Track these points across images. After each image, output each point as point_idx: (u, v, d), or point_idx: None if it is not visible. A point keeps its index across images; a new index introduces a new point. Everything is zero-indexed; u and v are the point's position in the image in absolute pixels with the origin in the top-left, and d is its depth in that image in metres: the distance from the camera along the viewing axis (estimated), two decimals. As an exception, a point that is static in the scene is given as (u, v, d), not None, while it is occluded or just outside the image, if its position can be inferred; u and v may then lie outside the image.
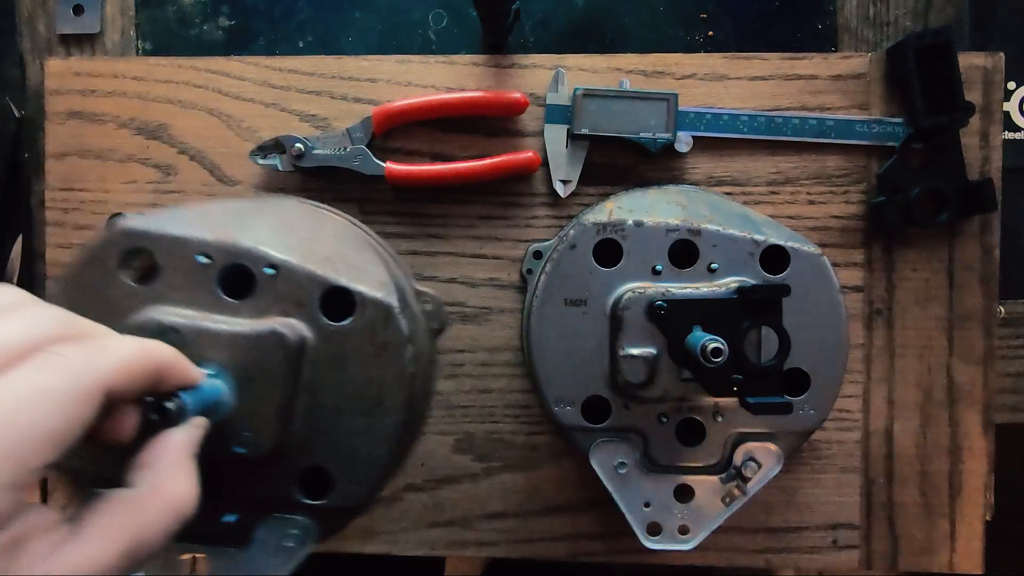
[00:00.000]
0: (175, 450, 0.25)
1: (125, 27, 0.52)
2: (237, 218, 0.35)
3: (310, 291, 0.32)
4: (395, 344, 0.33)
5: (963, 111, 0.46)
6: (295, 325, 0.31)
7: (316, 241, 0.36)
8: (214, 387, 0.29)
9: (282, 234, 0.34)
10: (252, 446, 0.30)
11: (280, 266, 0.32)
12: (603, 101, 0.47)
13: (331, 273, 0.32)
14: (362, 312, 0.32)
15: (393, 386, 0.33)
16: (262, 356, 0.31)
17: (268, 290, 0.32)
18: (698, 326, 0.38)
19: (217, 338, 0.30)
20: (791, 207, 0.49)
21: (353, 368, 0.32)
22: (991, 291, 0.48)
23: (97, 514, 0.22)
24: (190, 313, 0.31)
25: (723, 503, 0.41)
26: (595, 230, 0.41)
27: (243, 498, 0.33)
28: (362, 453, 0.33)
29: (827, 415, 0.41)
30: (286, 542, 0.33)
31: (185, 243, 0.32)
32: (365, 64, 0.50)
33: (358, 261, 0.36)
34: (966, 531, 0.49)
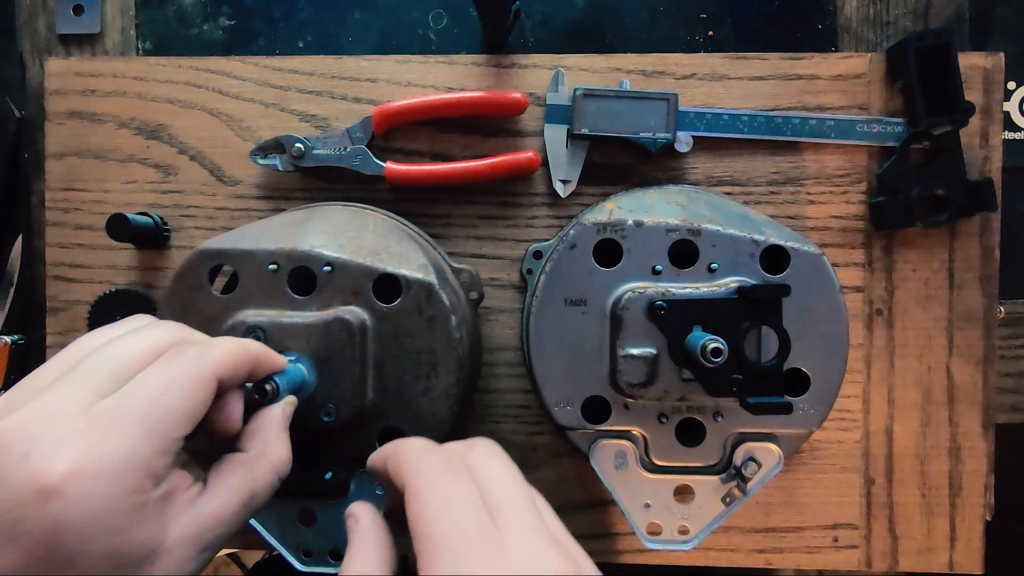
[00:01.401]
0: (274, 422, 0.31)
1: (125, 27, 0.52)
2: (294, 227, 0.41)
3: (363, 281, 0.38)
4: (440, 316, 0.39)
5: (963, 111, 0.46)
6: (355, 311, 0.38)
7: (362, 238, 0.41)
8: (297, 370, 0.35)
9: (333, 236, 0.40)
10: (335, 415, 0.37)
11: (335, 263, 0.38)
12: (603, 101, 0.47)
13: (378, 263, 0.39)
14: (408, 292, 0.39)
15: (444, 351, 0.39)
16: (333, 340, 0.37)
17: (328, 285, 0.39)
18: (698, 326, 0.38)
19: (293, 330, 0.37)
20: (791, 207, 0.49)
21: (408, 341, 0.39)
22: (991, 291, 0.48)
23: (220, 474, 0.28)
24: (269, 312, 0.38)
25: (723, 503, 0.41)
26: (595, 230, 0.41)
27: (337, 458, 0.39)
28: (426, 410, 0.39)
29: (827, 415, 0.41)
30: (376, 490, 0.39)
31: (256, 255, 0.39)
32: (365, 64, 0.50)
33: (399, 250, 0.41)
34: (966, 531, 0.49)
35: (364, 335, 0.38)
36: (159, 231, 0.49)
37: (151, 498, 0.25)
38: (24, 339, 0.52)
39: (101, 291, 0.49)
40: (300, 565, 0.40)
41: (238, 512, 0.28)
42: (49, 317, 0.50)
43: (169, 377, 0.26)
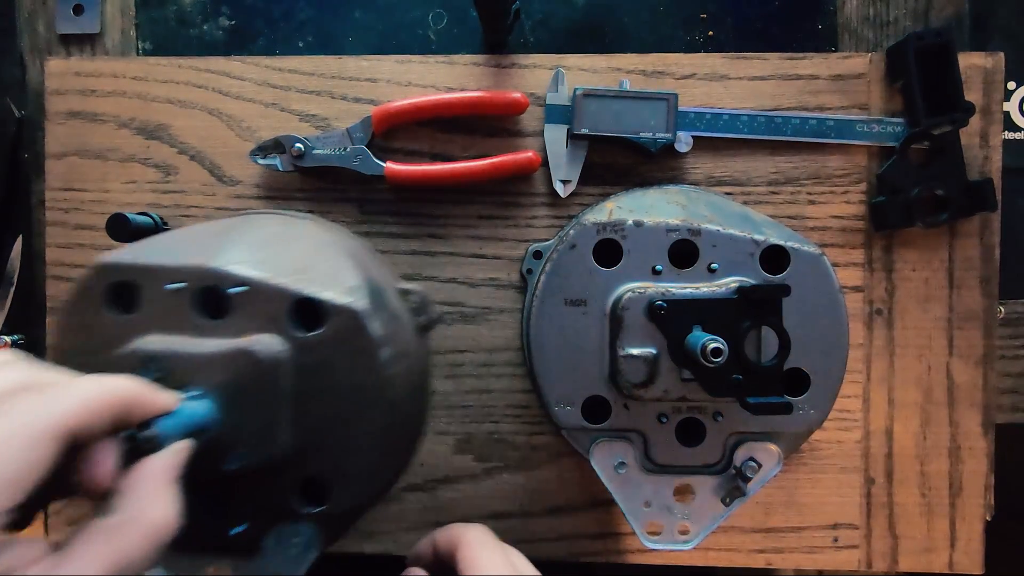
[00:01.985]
0: (152, 476, 0.26)
1: (125, 27, 0.52)
2: (212, 239, 0.36)
3: (280, 305, 0.33)
4: (368, 349, 0.33)
5: (963, 111, 0.46)
6: (268, 340, 0.32)
7: (288, 253, 0.36)
8: (195, 410, 0.30)
9: (255, 250, 0.35)
10: (243, 461, 0.31)
11: (250, 283, 0.33)
12: (603, 101, 0.47)
13: (299, 285, 0.33)
14: (332, 320, 0.33)
15: (373, 390, 0.33)
16: (239, 374, 0.31)
17: (242, 309, 0.33)
18: (698, 326, 0.38)
19: (195, 361, 0.31)
20: (791, 207, 0.49)
21: (333, 376, 0.33)
22: (991, 291, 0.48)
23: (80, 542, 0.23)
24: (169, 339, 0.32)
25: (723, 503, 0.41)
26: (595, 230, 0.41)
27: (250, 510, 0.34)
28: (353, 459, 0.34)
29: (827, 415, 0.41)
30: (293, 549, 0.34)
31: (158, 272, 0.33)
32: (365, 64, 0.50)
33: (330, 268, 0.36)
34: (966, 531, 0.49)
35: (278, 369, 0.32)
36: (159, 231, 0.49)
37: None
38: (24, 339, 0.52)
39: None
40: None
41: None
42: (49, 317, 0.50)
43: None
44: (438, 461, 0.50)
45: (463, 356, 0.49)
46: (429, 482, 0.50)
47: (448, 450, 0.50)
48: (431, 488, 0.50)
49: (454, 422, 0.49)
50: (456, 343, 0.49)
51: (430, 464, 0.50)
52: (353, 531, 0.49)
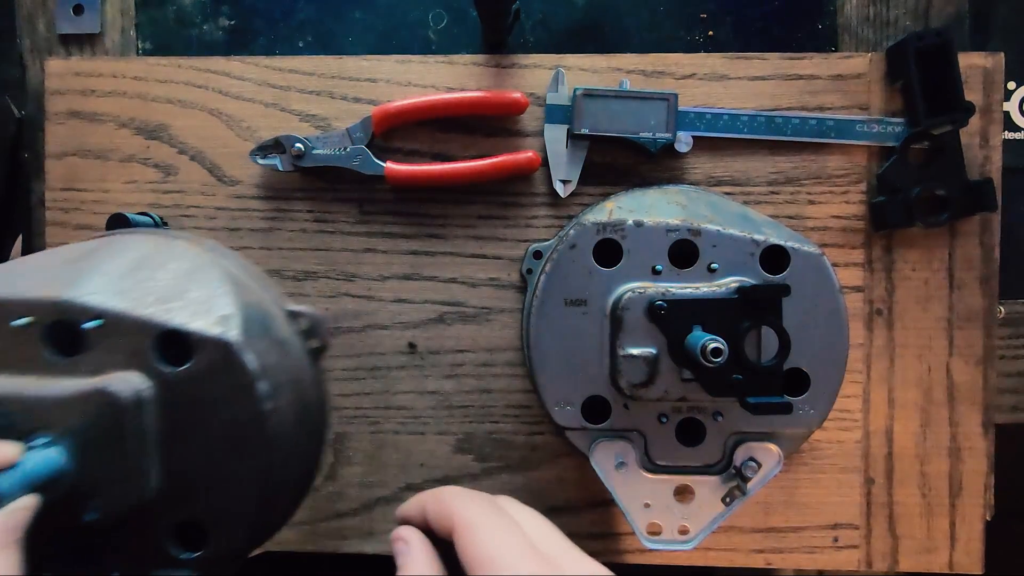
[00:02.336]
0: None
1: (125, 27, 0.52)
2: (68, 267, 0.33)
3: (143, 338, 0.30)
4: (244, 382, 0.30)
5: (963, 111, 0.46)
6: (128, 378, 0.29)
7: (155, 280, 0.33)
8: (43, 460, 0.27)
9: (116, 279, 0.32)
10: (105, 510, 0.29)
11: (107, 316, 0.30)
12: (603, 101, 0.47)
13: (165, 315, 0.30)
14: (201, 353, 0.30)
15: (251, 428, 0.31)
16: (95, 417, 0.29)
17: (101, 343, 0.30)
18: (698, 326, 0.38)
19: (42, 405, 0.29)
20: (791, 207, 0.49)
21: (205, 413, 0.31)
22: (991, 291, 0.48)
23: None
24: (13, 381, 0.29)
25: (723, 503, 0.41)
26: (595, 230, 0.41)
27: (123, 559, 0.31)
28: (231, 500, 0.31)
29: (827, 415, 0.41)
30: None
31: (6, 305, 0.30)
32: (365, 64, 0.50)
33: (204, 295, 0.33)
34: (966, 531, 0.49)
35: (140, 409, 0.29)
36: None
37: None
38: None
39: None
40: None
41: None
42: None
43: None
44: (438, 461, 0.50)
45: (463, 356, 0.49)
46: (429, 482, 0.50)
47: (448, 450, 0.50)
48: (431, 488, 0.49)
49: (454, 422, 0.49)
50: (456, 343, 0.49)
51: (430, 464, 0.50)
52: (352, 531, 0.49)
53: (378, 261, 0.49)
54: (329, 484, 0.50)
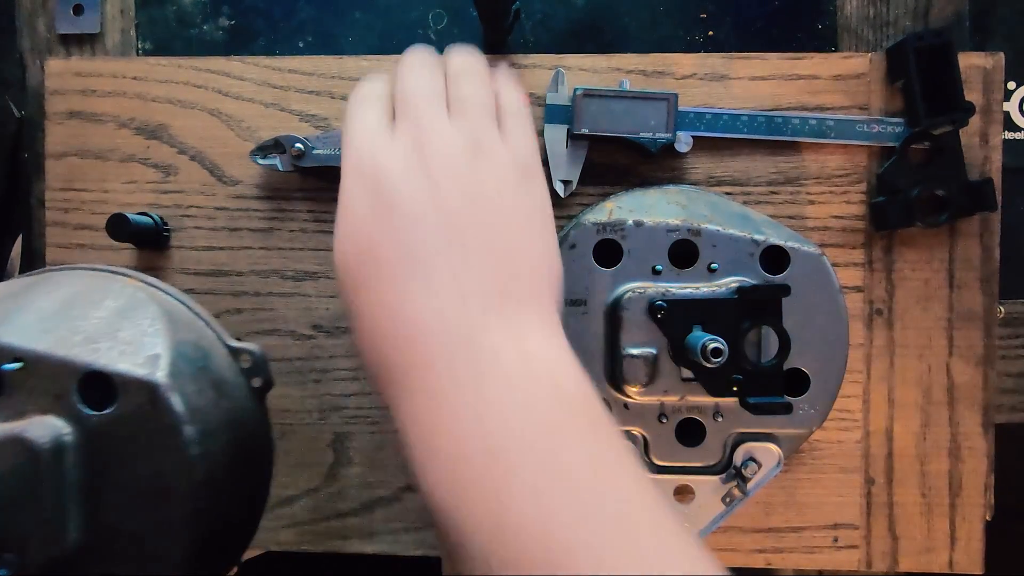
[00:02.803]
0: None
1: (125, 27, 0.52)
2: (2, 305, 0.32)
3: (66, 380, 0.29)
4: (169, 426, 0.29)
5: (963, 111, 0.46)
6: (48, 423, 0.28)
7: (86, 319, 0.32)
8: None
9: (43, 318, 0.31)
10: (19, 566, 0.27)
11: (27, 357, 0.29)
12: (603, 101, 0.47)
13: (90, 356, 0.29)
14: (125, 396, 0.29)
15: (175, 474, 0.29)
16: (11, 465, 0.27)
17: (20, 386, 0.29)
18: (698, 326, 0.38)
19: None
20: (791, 207, 0.49)
21: (132, 460, 0.29)
22: (991, 291, 0.48)
23: None
24: None
25: (723, 503, 0.41)
26: (595, 230, 0.41)
27: None
28: (160, 553, 0.29)
29: (827, 415, 0.41)
30: None
31: None
32: (365, 64, 0.50)
33: (133, 335, 0.31)
34: (966, 531, 0.49)
35: (60, 456, 0.28)
36: (159, 231, 0.49)
37: None
38: (24, 339, 0.52)
39: (101, 291, 0.49)
40: None
41: None
42: (49, 317, 0.50)
43: None
44: (438, 461, 0.50)
45: (463, 356, 0.49)
46: (429, 482, 0.49)
47: (448, 450, 0.50)
48: (431, 488, 0.49)
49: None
50: (456, 343, 0.49)
51: (430, 464, 0.50)
52: (353, 531, 0.49)
53: (378, 261, 0.49)
54: (329, 484, 0.50)
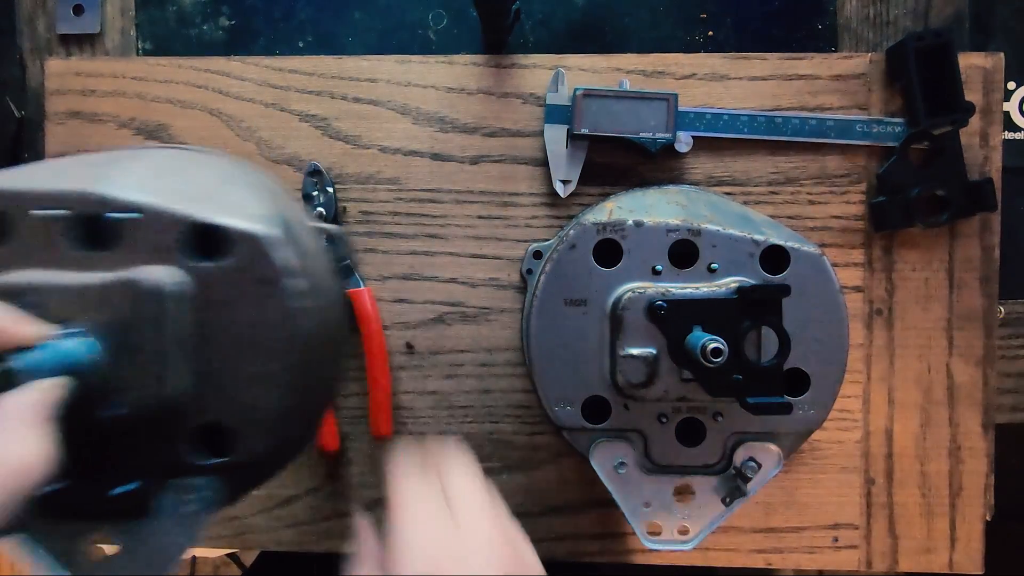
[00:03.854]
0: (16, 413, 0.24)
1: (125, 27, 0.52)
2: (102, 166, 0.33)
3: (176, 232, 0.29)
4: (275, 279, 0.30)
5: (963, 111, 0.46)
6: (159, 271, 0.29)
7: (190, 182, 0.33)
8: (71, 347, 0.27)
9: (147, 178, 0.32)
10: (131, 405, 0.28)
11: (141, 209, 0.29)
12: (603, 101, 0.47)
13: (200, 211, 0.29)
14: (235, 248, 0.29)
15: (279, 325, 0.30)
16: (127, 308, 0.28)
17: (132, 237, 0.29)
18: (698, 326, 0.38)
19: (72, 294, 0.28)
20: (791, 207, 0.49)
21: (236, 311, 0.30)
22: (991, 291, 0.48)
23: None
24: (43, 272, 0.29)
25: (723, 503, 0.41)
26: (595, 230, 0.41)
27: (139, 466, 0.30)
28: (258, 402, 0.30)
29: (827, 415, 0.41)
30: (190, 507, 0.30)
31: (34, 197, 0.29)
32: (365, 64, 0.50)
33: (237, 198, 0.32)
34: (966, 531, 0.49)
35: (171, 302, 0.29)
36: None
37: None
38: (24, 339, 0.51)
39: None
40: None
41: None
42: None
43: None
44: (438, 461, 0.50)
45: (463, 356, 0.49)
46: (429, 482, 0.49)
47: (448, 450, 0.50)
48: (431, 488, 0.50)
49: (454, 422, 0.49)
50: (456, 343, 0.49)
51: (430, 464, 0.50)
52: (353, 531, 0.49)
53: (378, 261, 0.49)
54: (329, 484, 0.50)
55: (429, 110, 0.49)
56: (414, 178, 0.49)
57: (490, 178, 0.49)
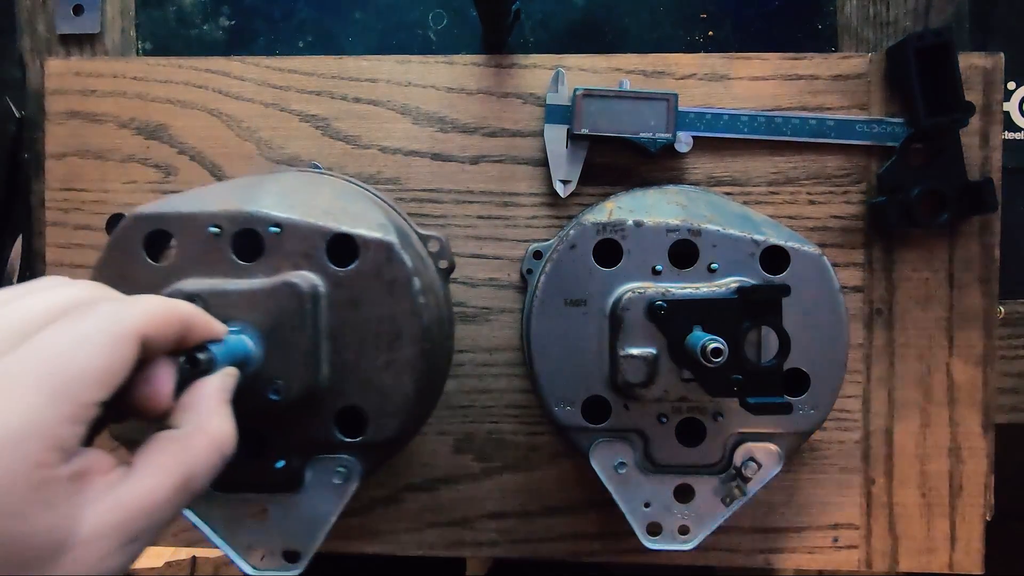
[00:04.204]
0: (212, 394, 0.27)
1: (125, 27, 0.52)
2: (240, 190, 0.38)
3: (316, 242, 0.35)
4: (401, 279, 0.35)
5: (963, 111, 0.46)
6: (306, 275, 0.34)
7: (316, 199, 0.38)
8: (240, 342, 0.31)
9: (283, 197, 0.37)
10: (284, 392, 0.33)
11: (284, 224, 0.35)
12: (603, 101, 0.47)
13: (332, 223, 0.35)
14: (366, 254, 0.35)
15: (406, 319, 0.35)
16: (280, 308, 0.33)
17: (277, 248, 0.35)
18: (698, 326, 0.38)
19: (236, 297, 0.33)
20: (791, 207, 0.49)
21: (367, 308, 0.35)
22: (991, 291, 0.48)
23: (148, 454, 0.24)
24: (210, 280, 0.34)
25: (723, 503, 0.41)
26: (595, 230, 0.41)
27: (290, 444, 0.36)
28: (388, 387, 0.35)
29: (827, 415, 0.41)
30: (335, 480, 0.36)
31: (196, 218, 0.35)
32: (365, 64, 0.50)
33: (357, 211, 0.38)
34: (966, 531, 0.49)
35: (316, 302, 0.34)
36: (159, 231, 0.49)
37: (57, 475, 0.20)
38: (24, 339, 0.51)
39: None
40: (251, 569, 0.36)
41: (172, 497, 0.23)
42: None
43: (78, 332, 0.22)
44: (438, 461, 0.50)
45: (463, 356, 0.49)
46: (429, 482, 0.50)
47: (448, 450, 0.50)
48: (431, 488, 0.50)
49: (454, 422, 0.49)
50: (456, 343, 0.49)
51: (430, 464, 0.50)
52: (353, 531, 0.49)
53: (378, 261, 0.49)
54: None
55: (429, 110, 0.49)
56: (414, 178, 0.49)
57: (490, 178, 0.49)
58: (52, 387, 0.21)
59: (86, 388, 0.21)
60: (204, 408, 0.26)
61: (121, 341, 0.23)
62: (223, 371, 0.28)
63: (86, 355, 0.22)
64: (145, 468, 0.23)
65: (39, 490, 0.20)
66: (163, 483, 0.23)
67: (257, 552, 0.36)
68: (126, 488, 0.22)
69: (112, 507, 0.22)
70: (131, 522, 0.22)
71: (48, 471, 0.20)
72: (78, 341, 0.22)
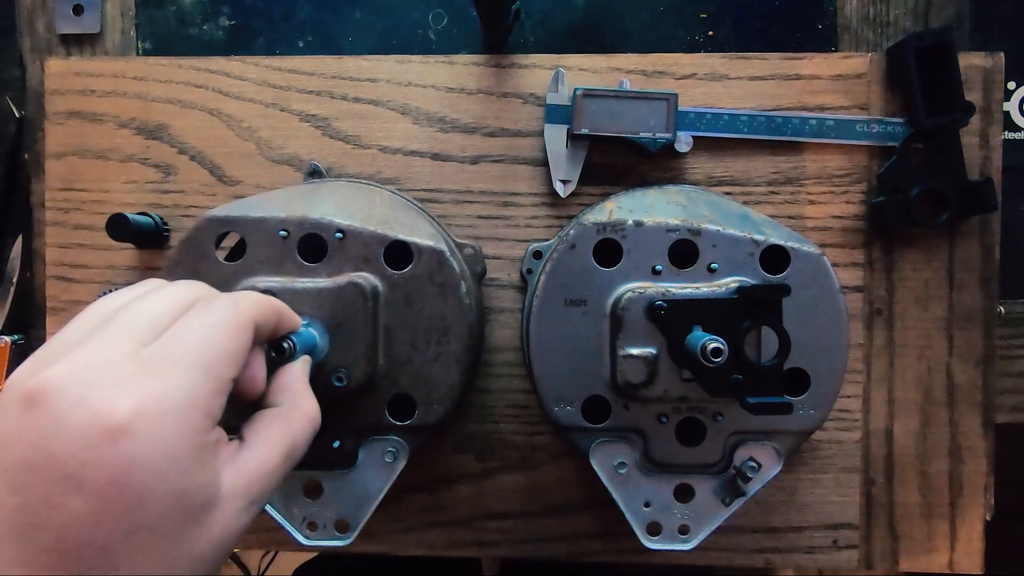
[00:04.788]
0: (300, 376, 0.31)
1: (125, 27, 0.52)
2: (302, 197, 0.42)
3: (375, 248, 0.39)
4: (451, 282, 0.40)
5: (963, 111, 0.46)
6: (368, 277, 0.39)
7: (370, 208, 0.42)
8: (310, 334, 0.35)
9: (342, 206, 0.41)
10: (347, 379, 0.38)
11: (347, 230, 0.39)
12: (603, 101, 0.47)
13: (390, 231, 0.39)
14: (420, 259, 0.39)
15: (454, 317, 0.40)
16: (345, 305, 0.38)
17: (339, 252, 0.39)
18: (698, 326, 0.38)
19: (306, 295, 0.37)
20: (791, 207, 0.49)
21: (419, 307, 0.40)
22: (991, 291, 0.48)
23: (257, 428, 0.28)
24: (279, 279, 0.38)
25: (723, 503, 0.41)
26: (595, 230, 0.41)
27: (346, 426, 0.40)
28: (437, 377, 0.40)
29: (827, 415, 0.41)
30: (386, 458, 0.40)
31: (266, 222, 0.39)
32: (365, 64, 0.50)
33: (408, 221, 0.42)
34: (966, 531, 0.49)
35: (376, 301, 0.39)
36: (159, 231, 0.49)
37: (209, 440, 0.24)
38: (24, 339, 0.52)
39: (101, 291, 0.49)
40: (304, 539, 0.40)
41: (281, 464, 0.27)
42: (49, 317, 0.50)
43: (210, 321, 0.26)
44: (438, 461, 0.50)
45: (463, 356, 0.49)
46: (429, 482, 0.50)
47: (448, 450, 0.50)
48: (431, 488, 0.50)
49: (454, 422, 0.49)
50: (456, 343, 0.49)
51: (430, 464, 0.50)
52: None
53: (378, 261, 0.49)
54: (329, 484, 0.50)
55: (429, 110, 0.49)
56: (414, 178, 0.49)
57: (490, 178, 0.49)
58: (203, 366, 0.24)
59: (225, 366, 0.25)
60: (295, 389, 0.30)
61: (242, 327, 0.27)
62: (302, 359, 0.32)
63: (221, 339, 0.26)
64: (258, 440, 0.27)
65: (198, 452, 0.23)
66: (274, 452, 0.27)
67: (311, 524, 0.40)
68: (246, 457, 0.26)
69: (238, 473, 0.25)
70: (254, 486, 0.26)
71: (204, 436, 0.24)
72: (212, 328, 0.26)
